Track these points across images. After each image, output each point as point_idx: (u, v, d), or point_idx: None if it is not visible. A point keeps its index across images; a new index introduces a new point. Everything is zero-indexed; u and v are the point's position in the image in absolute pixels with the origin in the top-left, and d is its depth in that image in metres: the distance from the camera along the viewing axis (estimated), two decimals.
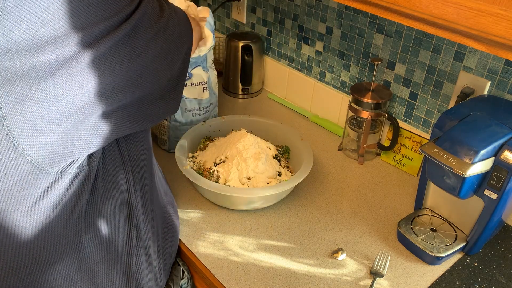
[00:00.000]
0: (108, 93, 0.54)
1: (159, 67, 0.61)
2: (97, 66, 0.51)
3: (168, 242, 0.83)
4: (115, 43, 0.52)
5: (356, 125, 1.18)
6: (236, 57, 1.41)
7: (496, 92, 0.97)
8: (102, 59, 0.51)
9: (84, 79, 0.50)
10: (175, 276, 0.87)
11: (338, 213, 1.02)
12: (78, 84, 0.50)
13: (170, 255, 0.84)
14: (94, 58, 0.50)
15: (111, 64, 0.52)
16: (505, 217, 0.94)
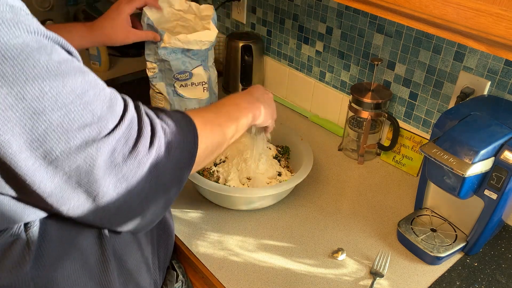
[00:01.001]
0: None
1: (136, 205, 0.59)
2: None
3: (163, 244, 0.82)
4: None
5: (356, 125, 1.18)
6: (236, 57, 1.41)
7: (496, 92, 0.97)
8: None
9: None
10: (169, 280, 0.86)
11: (338, 213, 1.01)
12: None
13: (164, 258, 0.84)
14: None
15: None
16: (505, 217, 0.94)
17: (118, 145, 0.54)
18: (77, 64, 0.53)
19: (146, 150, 0.57)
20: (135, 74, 1.55)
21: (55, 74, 0.48)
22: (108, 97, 0.55)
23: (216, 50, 1.65)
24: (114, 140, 0.53)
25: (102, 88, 0.55)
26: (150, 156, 0.57)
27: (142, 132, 0.57)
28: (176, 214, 0.99)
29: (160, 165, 0.59)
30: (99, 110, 0.52)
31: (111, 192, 0.55)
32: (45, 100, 0.47)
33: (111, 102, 0.55)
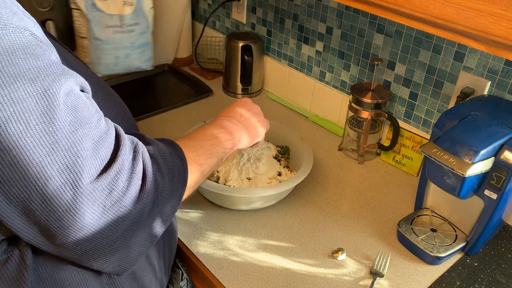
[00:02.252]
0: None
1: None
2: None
3: (167, 244, 0.82)
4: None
5: (356, 125, 1.18)
6: (236, 57, 1.41)
7: (496, 92, 0.97)
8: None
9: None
10: (175, 279, 0.87)
11: (338, 213, 1.01)
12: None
13: (169, 258, 0.84)
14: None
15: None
16: (505, 217, 0.94)
17: (100, 196, 0.51)
18: (76, 96, 0.50)
19: (131, 205, 0.54)
20: (135, 74, 1.55)
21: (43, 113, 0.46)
22: (97, 138, 0.52)
23: (216, 50, 1.65)
24: (97, 191, 0.50)
25: (94, 127, 0.52)
26: (134, 210, 0.54)
27: (131, 184, 0.54)
28: (176, 214, 0.99)
29: (143, 218, 0.56)
30: (84, 152, 0.50)
31: (82, 243, 0.52)
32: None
33: (98, 144, 0.52)
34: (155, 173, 0.58)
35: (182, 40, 1.63)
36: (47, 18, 1.51)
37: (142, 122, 1.30)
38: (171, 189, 0.61)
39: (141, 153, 0.57)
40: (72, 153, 0.48)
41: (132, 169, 0.54)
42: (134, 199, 0.54)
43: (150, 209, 0.57)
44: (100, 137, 0.52)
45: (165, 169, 0.60)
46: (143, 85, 1.53)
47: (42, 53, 0.49)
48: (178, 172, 0.62)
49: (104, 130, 0.53)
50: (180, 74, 1.58)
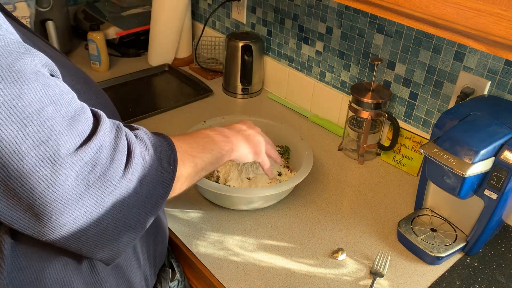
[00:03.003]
0: None
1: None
2: None
3: (158, 243, 0.82)
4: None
5: (356, 125, 1.18)
6: (236, 57, 1.41)
7: (496, 92, 0.97)
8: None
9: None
10: (164, 278, 0.85)
11: (338, 213, 1.01)
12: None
13: (158, 255, 0.83)
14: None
15: None
16: (505, 217, 0.94)
17: (82, 171, 0.50)
18: (45, 76, 0.50)
19: (116, 180, 0.53)
20: (135, 74, 1.56)
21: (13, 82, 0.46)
22: (71, 114, 0.51)
23: (216, 50, 1.65)
24: (77, 164, 0.50)
25: (66, 104, 0.51)
26: (120, 186, 0.54)
27: (115, 159, 0.53)
28: (176, 214, 0.99)
29: (129, 197, 0.55)
30: (58, 126, 0.49)
31: (68, 222, 0.51)
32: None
33: (73, 119, 0.51)
34: (142, 152, 0.57)
35: (182, 40, 1.63)
36: (47, 18, 1.51)
37: (142, 122, 1.30)
38: (160, 171, 0.59)
39: (124, 132, 0.57)
40: (46, 127, 0.48)
41: (115, 145, 0.54)
42: (118, 174, 0.53)
43: (137, 188, 0.56)
44: (75, 112, 0.52)
45: (152, 150, 0.59)
46: (143, 85, 1.53)
47: (1, 33, 0.48)
48: (167, 156, 0.61)
49: (79, 107, 0.53)
50: (180, 74, 1.58)
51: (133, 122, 1.28)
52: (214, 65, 1.63)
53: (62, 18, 1.59)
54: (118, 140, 0.55)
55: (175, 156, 0.63)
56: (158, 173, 0.59)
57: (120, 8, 1.71)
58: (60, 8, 1.57)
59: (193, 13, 1.72)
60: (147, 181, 0.57)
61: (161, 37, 1.57)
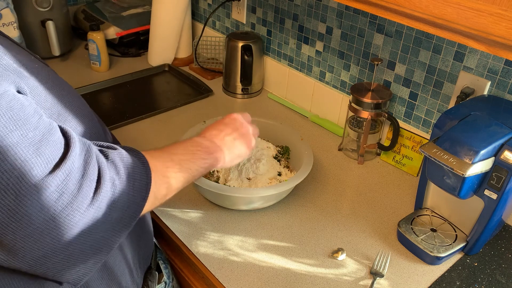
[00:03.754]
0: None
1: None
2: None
3: (142, 246, 0.81)
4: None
5: (356, 125, 1.18)
6: (236, 57, 1.41)
7: (496, 92, 0.97)
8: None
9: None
10: (150, 281, 0.84)
11: (338, 213, 1.01)
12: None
13: (145, 258, 0.82)
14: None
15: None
16: (505, 217, 0.94)
17: (48, 200, 0.48)
18: (9, 98, 0.48)
19: (83, 208, 0.51)
20: (135, 74, 1.55)
21: None
22: (38, 138, 0.49)
23: (216, 50, 1.65)
24: (43, 193, 0.48)
25: (33, 127, 0.49)
26: (88, 214, 0.52)
27: (83, 186, 0.51)
28: (176, 214, 0.99)
29: (98, 223, 0.54)
30: (23, 153, 0.47)
31: (33, 251, 0.49)
32: None
33: (40, 144, 0.49)
34: (112, 176, 0.55)
35: (182, 40, 1.63)
36: (47, 18, 1.51)
37: (142, 122, 1.30)
38: (132, 194, 0.57)
39: (95, 155, 0.55)
40: (10, 156, 0.46)
41: (83, 171, 0.52)
42: (86, 202, 0.52)
43: (106, 214, 0.54)
44: (43, 136, 0.50)
45: (124, 173, 0.57)
46: (143, 85, 1.53)
47: None
48: (140, 178, 0.59)
49: (46, 130, 0.51)
50: (180, 74, 1.58)
51: (133, 122, 1.29)
52: (214, 65, 1.63)
53: (62, 18, 1.59)
54: (87, 165, 0.53)
55: (149, 178, 0.60)
56: (130, 196, 0.57)
57: (120, 8, 1.71)
58: (60, 8, 1.57)
59: (193, 13, 1.72)
60: (117, 206, 0.56)
61: (161, 37, 1.57)
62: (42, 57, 1.60)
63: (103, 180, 0.54)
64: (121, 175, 0.57)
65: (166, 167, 0.65)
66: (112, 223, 0.56)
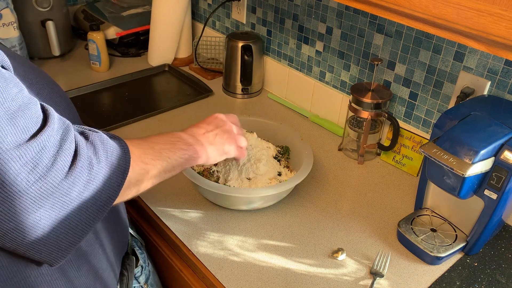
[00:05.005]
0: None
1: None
2: None
3: (119, 232, 0.81)
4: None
5: (356, 125, 1.18)
6: (236, 57, 1.41)
7: (496, 92, 0.97)
8: None
9: None
10: (129, 265, 0.85)
11: (338, 213, 1.01)
12: None
13: (122, 245, 0.83)
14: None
15: None
16: (505, 217, 0.94)
17: (22, 170, 0.48)
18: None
19: (57, 182, 0.51)
20: (135, 74, 1.55)
21: None
22: (13, 109, 0.49)
23: (216, 50, 1.65)
24: (17, 162, 0.48)
25: (10, 98, 0.49)
26: (60, 188, 0.52)
27: (57, 160, 0.51)
28: (176, 214, 0.99)
29: (71, 199, 0.54)
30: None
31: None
32: None
33: (15, 114, 0.49)
34: (90, 156, 0.56)
35: (182, 40, 1.63)
36: (47, 18, 1.51)
37: (142, 122, 1.30)
38: (108, 175, 0.57)
39: (73, 134, 0.55)
40: None
41: (59, 146, 0.52)
42: (60, 176, 0.52)
43: (79, 192, 0.54)
44: (19, 108, 0.50)
45: (102, 154, 0.58)
46: (143, 85, 1.53)
47: None
48: (117, 160, 0.59)
49: (24, 102, 0.51)
50: (180, 74, 1.58)
51: (133, 122, 1.29)
52: (214, 65, 1.63)
53: (62, 18, 1.59)
54: (64, 142, 0.53)
55: (128, 162, 0.61)
56: (106, 178, 0.57)
57: (120, 8, 1.71)
58: (60, 8, 1.57)
59: (193, 13, 1.72)
60: (92, 187, 0.56)
61: (161, 37, 1.57)
62: (42, 57, 1.61)
63: (79, 157, 0.54)
64: (100, 156, 0.57)
65: (145, 153, 0.66)
66: (85, 203, 0.55)
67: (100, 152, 0.58)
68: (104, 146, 0.59)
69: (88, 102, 1.40)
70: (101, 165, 0.57)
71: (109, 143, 0.60)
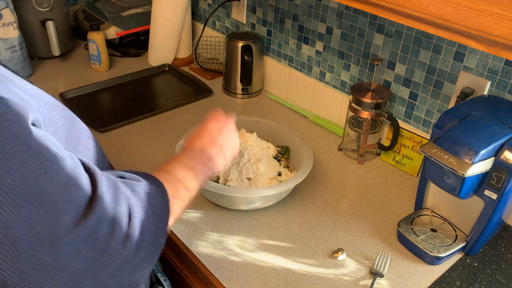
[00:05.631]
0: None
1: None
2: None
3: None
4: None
5: (356, 125, 1.18)
6: (236, 57, 1.41)
7: (496, 92, 0.97)
8: None
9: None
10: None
11: (338, 213, 1.01)
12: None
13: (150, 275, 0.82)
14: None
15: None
16: (505, 217, 0.94)
17: (82, 248, 0.45)
18: (31, 136, 0.43)
19: (117, 252, 0.49)
20: (135, 74, 1.55)
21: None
22: (64, 179, 0.45)
23: (216, 50, 1.65)
24: (78, 240, 0.45)
25: (59, 167, 0.45)
26: (119, 257, 0.50)
27: (115, 230, 0.49)
28: None
29: (127, 263, 0.51)
30: (53, 200, 0.43)
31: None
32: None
33: (67, 186, 0.45)
34: (141, 215, 0.53)
35: (182, 40, 1.63)
36: (47, 18, 1.51)
37: (142, 122, 1.30)
38: (155, 229, 0.56)
39: (123, 192, 0.52)
40: (40, 204, 0.42)
41: (114, 211, 0.49)
42: (119, 245, 0.49)
43: (135, 252, 0.52)
44: (69, 178, 0.46)
45: (149, 209, 0.56)
46: (143, 85, 1.53)
47: None
48: (161, 209, 0.58)
49: (71, 170, 0.47)
50: (180, 74, 1.58)
51: (133, 122, 1.29)
52: (214, 65, 1.63)
53: (62, 18, 1.59)
54: (117, 204, 0.50)
55: (168, 208, 0.59)
56: (154, 231, 0.56)
57: (120, 8, 1.71)
58: (60, 8, 1.57)
59: (193, 13, 1.72)
60: (145, 243, 0.54)
61: (161, 37, 1.57)
62: (42, 57, 1.61)
63: (133, 219, 0.52)
64: (147, 211, 0.55)
65: (176, 189, 0.65)
66: (140, 260, 0.54)
67: (146, 206, 0.55)
68: (149, 197, 0.57)
69: (88, 102, 1.40)
70: (150, 221, 0.55)
71: (152, 193, 0.57)
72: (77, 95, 1.41)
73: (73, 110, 0.67)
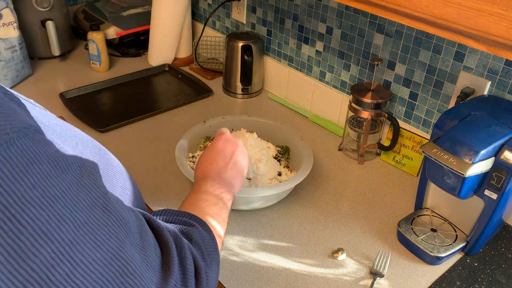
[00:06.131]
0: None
1: None
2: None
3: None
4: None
5: (356, 125, 1.18)
6: (236, 57, 1.41)
7: (496, 92, 0.97)
8: None
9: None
10: None
11: (338, 213, 1.01)
12: None
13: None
14: None
15: None
16: (505, 217, 0.94)
17: None
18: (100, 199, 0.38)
19: None
20: (135, 74, 1.55)
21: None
22: (139, 241, 0.40)
23: (216, 50, 1.65)
24: None
25: (132, 229, 0.40)
26: None
27: (189, 285, 0.47)
28: None
29: None
30: (138, 267, 0.39)
31: None
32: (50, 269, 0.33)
33: (144, 248, 0.41)
34: (203, 267, 0.51)
35: (182, 40, 1.63)
36: (47, 18, 1.51)
37: (142, 122, 1.30)
38: (213, 275, 0.55)
39: (186, 245, 0.49)
40: (128, 271, 0.38)
41: (183, 269, 0.47)
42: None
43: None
44: (141, 238, 0.41)
45: (207, 257, 0.54)
46: (143, 85, 1.52)
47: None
48: (214, 255, 0.57)
49: (139, 227, 0.42)
50: (180, 74, 1.58)
51: (133, 122, 1.29)
52: (214, 65, 1.63)
53: (62, 18, 1.59)
54: (184, 260, 0.48)
55: (218, 252, 0.59)
56: (212, 278, 0.55)
57: (120, 8, 1.71)
58: (60, 8, 1.57)
59: (193, 13, 1.72)
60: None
61: (161, 37, 1.57)
62: (42, 57, 1.61)
63: (200, 274, 0.50)
64: (206, 259, 0.54)
65: (219, 224, 0.65)
66: None
67: (205, 254, 0.54)
68: (205, 244, 0.56)
69: (88, 102, 1.40)
70: (208, 270, 0.53)
71: (205, 239, 0.57)
72: (77, 95, 1.41)
73: (73, 110, 0.67)
